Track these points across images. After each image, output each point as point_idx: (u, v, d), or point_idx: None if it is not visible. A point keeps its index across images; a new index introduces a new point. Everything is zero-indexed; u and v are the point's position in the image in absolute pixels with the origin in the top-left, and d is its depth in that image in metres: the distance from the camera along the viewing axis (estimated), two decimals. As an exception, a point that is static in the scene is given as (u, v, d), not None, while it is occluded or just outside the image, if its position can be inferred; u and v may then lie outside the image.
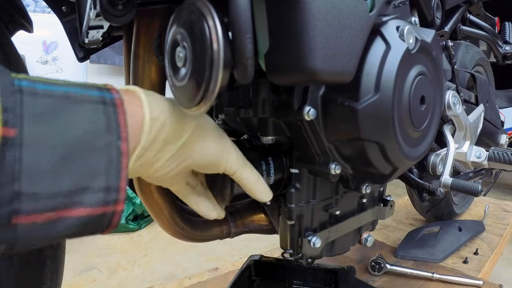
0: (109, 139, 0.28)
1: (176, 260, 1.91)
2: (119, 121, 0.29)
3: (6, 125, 0.24)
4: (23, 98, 0.25)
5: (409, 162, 0.45)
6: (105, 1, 0.36)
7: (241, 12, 0.32)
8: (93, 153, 0.27)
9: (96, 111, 0.28)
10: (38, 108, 0.26)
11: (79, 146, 0.27)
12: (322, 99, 0.42)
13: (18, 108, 0.25)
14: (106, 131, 0.28)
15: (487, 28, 0.96)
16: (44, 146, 0.25)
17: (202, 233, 0.55)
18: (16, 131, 0.24)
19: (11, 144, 0.24)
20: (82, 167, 0.27)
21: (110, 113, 0.29)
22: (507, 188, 3.14)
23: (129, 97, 0.32)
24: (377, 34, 0.39)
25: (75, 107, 0.27)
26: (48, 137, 0.26)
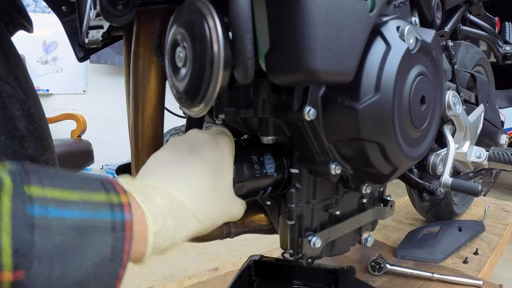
0: (112, 268, 0.29)
1: (176, 260, 1.91)
2: (124, 248, 0.30)
3: (16, 268, 0.24)
4: (35, 236, 0.25)
5: (409, 162, 0.45)
6: (105, 1, 0.36)
7: (241, 12, 0.32)
8: (96, 283, 0.28)
9: (105, 242, 0.28)
10: (49, 247, 0.25)
11: (85, 281, 0.27)
12: (322, 99, 0.42)
13: (28, 250, 0.24)
14: (110, 262, 0.29)
15: (487, 28, 0.96)
16: (52, 285, 0.25)
17: (202, 233, 0.55)
18: (25, 272, 0.24)
19: (19, 285, 0.24)
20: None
21: (118, 241, 0.29)
22: (507, 188, 3.14)
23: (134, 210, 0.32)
24: (378, 34, 0.39)
25: (86, 241, 0.27)
26: (57, 279, 0.26)
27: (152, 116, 0.49)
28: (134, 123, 0.49)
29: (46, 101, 3.09)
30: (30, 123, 0.49)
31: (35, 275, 0.24)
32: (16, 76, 0.49)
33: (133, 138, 0.50)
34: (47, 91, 3.12)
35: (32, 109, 0.50)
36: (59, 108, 3.15)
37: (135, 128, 0.49)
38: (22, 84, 0.49)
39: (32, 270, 0.24)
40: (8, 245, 0.23)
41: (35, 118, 0.50)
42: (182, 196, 0.36)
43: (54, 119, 2.70)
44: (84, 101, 3.31)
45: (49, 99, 3.15)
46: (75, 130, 2.63)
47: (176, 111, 0.66)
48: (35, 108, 0.51)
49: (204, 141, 0.42)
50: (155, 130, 0.50)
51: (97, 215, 0.28)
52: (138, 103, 0.48)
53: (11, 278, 0.23)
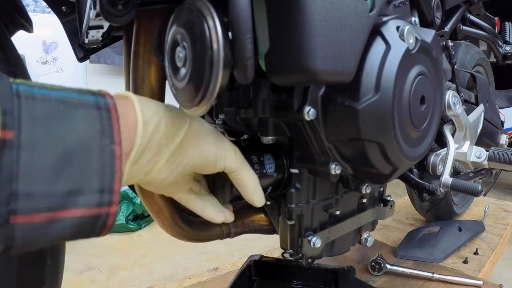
0: (103, 143, 0.29)
1: (176, 260, 1.91)
2: (112, 125, 0.30)
3: (5, 128, 0.25)
4: (21, 102, 0.26)
5: (409, 162, 0.45)
6: (105, 1, 0.36)
7: (241, 12, 0.32)
8: (88, 156, 0.28)
9: (90, 115, 0.29)
10: (36, 112, 0.26)
11: (74, 149, 0.27)
12: (322, 99, 0.42)
13: (16, 112, 0.25)
14: (100, 135, 0.29)
15: (487, 28, 0.96)
16: (41, 148, 0.26)
17: (202, 233, 0.55)
18: (14, 133, 0.25)
19: (9, 146, 0.25)
20: (77, 169, 0.28)
21: (104, 118, 0.29)
22: (507, 188, 3.14)
23: (122, 102, 0.33)
24: (377, 34, 0.39)
25: (71, 112, 0.28)
26: (45, 140, 0.26)
27: (152, 116, 0.49)
28: (134, 123, 0.49)
29: (46, 101, 3.09)
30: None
31: (24, 137, 0.25)
32: (16, 76, 0.49)
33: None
34: (47, 91, 3.12)
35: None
36: (59, 108, 3.14)
37: (135, 128, 0.49)
38: (22, 84, 0.49)
39: (21, 132, 0.25)
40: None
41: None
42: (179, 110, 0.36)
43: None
44: (84, 101, 3.30)
45: (49, 99, 3.14)
46: (75, 130, 2.62)
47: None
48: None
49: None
50: (155, 130, 0.50)
51: (80, 96, 0.29)
52: (138, 103, 0.48)
53: (0, 135, 0.24)
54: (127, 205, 2.35)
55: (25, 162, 0.25)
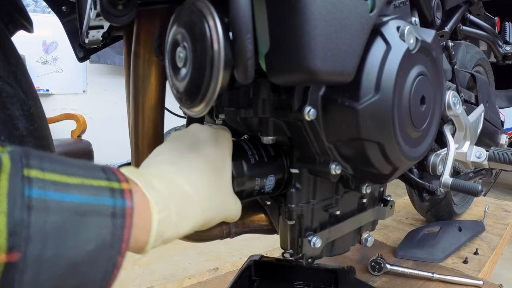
0: (110, 254, 0.28)
1: (176, 260, 1.91)
2: (122, 237, 0.29)
3: (11, 250, 0.23)
4: (31, 218, 0.24)
5: (409, 162, 0.45)
6: (106, 1, 0.36)
7: (241, 13, 0.32)
8: (93, 268, 0.28)
9: (103, 227, 0.28)
10: (46, 226, 0.25)
11: (81, 263, 0.27)
12: (323, 99, 0.42)
13: (24, 230, 0.24)
14: (109, 248, 0.28)
15: (487, 28, 0.96)
16: (47, 266, 0.25)
17: (202, 233, 0.55)
18: (20, 255, 0.24)
19: (14, 267, 0.24)
20: (79, 280, 0.27)
21: (117, 228, 0.29)
22: (507, 188, 3.14)
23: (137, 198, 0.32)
24: (378, 34, 0.39)
25: (84, 224, 0.27)
26: (52, 258, 0.25)
27: (152, 116, 0.49)
28: (134, 123, 0.49)
29: (46, 101, 3.09)
30: (30, 123, 0.49)
31: (30, 257, 0.24)
32: (16, 76, 0.49)
33: (133, 138, 0.50)
34: (47, 91, 3.13)
35: (32, 109, 0.50)
36: (59, 108, 3.15)
37: (135, 128, 0.50)
38: (22, 84, 0.49)
39: (27, 252, 0.24)
40: (4, 226, 0.23)
41: (35, 118, 0.50)
42: (187, 186, 0.36)
43: (54, 119, 2.70)
44: (84, 101, 3.31)
45: (49, 99, 3.15)
46: (75, 130, 2.63)
47: (176, 111, 0.66)
48: (35, 108, 0.51)
49: (205, 138, 0.42)
50: (155, 130, 0.50)
51: (97, 200, 0.28)
52: (138, 103, 0.48)
53: (4, 259, 0.23)
54: (127, 205, 2.34)
55: (28, 281, 0.24)
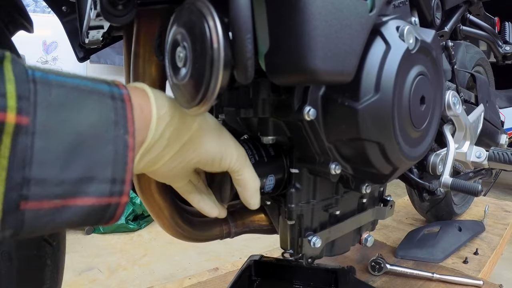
0: (117, 132, 0.29)
1: (176, 260, 1.91)
2: (126, 115, 0.30)
3: (20, 112, 0.24)
4: (37, 87, 0.26)
5: (409, 162, 0.45)
6: (106, 1, 0.36)
7: (241, 12, 0.32)
8: (101, 144, 0.28)
9: (105, 104, 0.29)
10: (51, 98, 0.26)
11: (88, 136, 0.27)
12: (322, 99, 0.42)
13: (32, 97, 0.25)
14: (114, 125, 0.29)
15: (487, 28, 0.96)
16: (55, 134, 0.26)
17: (202, 233, 0.55)
18: (29, 119, 0.25)
19: (24, 131, 0.25)
20: (89, 157, 0.28)
21: (118, 108, 0.29)
22: (507, 188, 3.14)
23: (137, 93, 0.33)
24: (377, 34, 0.39)
25: (85, 99, 0.28)
26: (59, 126, 0.26)
27: (152, 116, 0.49)
28: (134, 123, 0.49)
29: (46, 101, 3.09)
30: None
31: (38, 122, 0.25)
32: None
33: (133, 138, 0.50)
34: (47, 91, 3.12)
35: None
36: (59, 108, 3.15)
37: (135, 128, 0.49)
38: (22, 84, 0.49)
39: (36, 117, 0.25)
40: (13, 90, 0.24)
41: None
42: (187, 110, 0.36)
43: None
44: (84, 101, 3.30)
45: (49, 99, 3.14)
46: (75, 130, 2.63)
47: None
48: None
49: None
50: (155, 130, 0.50)
51: (95, 85, 0.29)
52: (138, 103, 0.48)
53: (14, 119, 0.24)
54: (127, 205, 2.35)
55: (39, 148, 0.25)
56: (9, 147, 0.24)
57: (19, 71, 0.25)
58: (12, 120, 0.24)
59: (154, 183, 0.49)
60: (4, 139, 0.24)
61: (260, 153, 0.48)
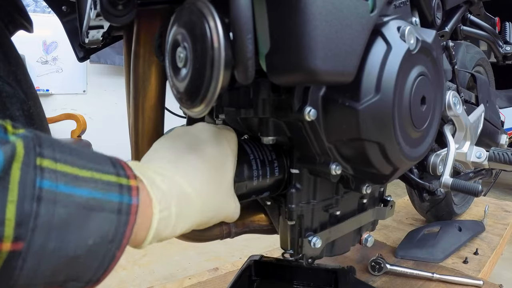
0: (109, 248, 0.29)
1: (176, 260, 1.91)
2: (125, 233, 0.30)
3: (16, 240, 0.24)
4: (40, 210, 0.24)
5: (410, 162, 0.45)
6: (106, 1, 0.36)
7: (242, 13, 0.32)
8: (90, 261, 0.28)
9: (108, 223, 0.28)
10: (53, 219, 0.25)
11: (81, 256, 0.27)
12: (323, 99, 0.42)
13: (32, 221, 0.24)
14: (109, 243, 0.29)
15: (488, 28, 0.96)
16: (48, 258, 0.25)
17: (202, 233, 0.55)
18: (24, 244, 0.24)
19: (16, 256, 0.24)
20: (77, 270, 0.28)
21: (121, 225, 0.29)
22: (507, 188, 3.14)
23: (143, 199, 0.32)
24: (378, 35, 0.39)
25: (91, 218, 0.27)
26: (55, 250, 0.26)
27: (152, 116, 0.49)
28: (134, 123, 0.49)
29: (46, 101, 3.09)
30: (30, 123, 0.49)
31: (34, 247, 0.24)
32: (16, 76, 0.49)
33: (133, 138, 0.50)
34: (47, 91, 3.12)
35: (32, 109, 0.50)
36: (59, 108, 3.15)
37: (135, 128, 0.49)
38: (22, 84, 0.49)
39: (32, 242, 0.24)
40: (13, 216, 0.23)
41: (35, 118, 0.50)
42: (187, 186, 0.36)
43: (54, 119, 2.70)
44: (84, 101, 3.31)
45: (49, 99, 3.15)
46: (75, 130, 2.63)
47: (176, 111, 0.66)
48: (35, 108, 0.51)
49: (206, 138, 0.42)
50: (155, 130, 0.50)
51: (105, 196, 0.28)
52: (138, 103, 0.48)
53: (9, 248, 0.23)
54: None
55: (29, 269, 0.25)
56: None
57: (24, 183, 0.24)
58: (7, 248, 0.23)
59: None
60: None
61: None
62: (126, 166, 0.32)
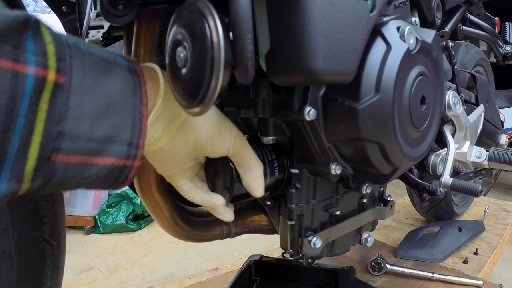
0: (135, 101, 0.32)
1: (176, 260, 1.91)
2: (141, 88, 0.33)
3: (59, 72, 0.27)
4: (72, 51, 0.28)
5: (410, 162, 0.45)
6: (106, 1, 0.36)
7: (241, 13, 0.32)
8: (124, 109, 0.31)
9: (125, 75, 0.32)
10: (84, 61, 0.29)
11: (115, 99, 0.30)
12: (323, 99, 0.42)
13: (68, 59, 0.28)
14: (133, 94, 0.32)
15: (487, 28, 0.96)
16: (88, 94, 0.29)
17: (202, 233, 0.55)
18: (66, 78, 0.28)
19: (61, 89, 0.27)
20: (115, 118, 0.31)
21: (135, 80, 0.33)
22: (507, 188, 3.14)
23: (148, 70, 0.36)
24: (378, 35, 0.39)
25: (110, 67, 0.31)
26: (92, 86, 0.29)
27: (152, 116, 0.49)
28: (134, 123, 0.49)
29: (46, 101, 3.09)
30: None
31: (74, 82, 0.28)
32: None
33: (133, 138, 0.50)
34: (47, 91, 3.12)
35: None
36: (59, 108, 3.15)
37: (135, 128, 0.49)
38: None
39: (72, 77, 0.28)
40: (53, 52, 0.27)
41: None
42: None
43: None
44: (84, 101, 3.30)
45: (49, 99, 3.14)
46: (75, 130, 2.63)
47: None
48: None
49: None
50: (155, 130, 0.50)
51: (115, 58, 0.32)
52: (138, 103, 0.48)
53: (54, 78, 0.27)
54: (127, 205, 2.35)
55: (74, 105, 0.28)
56: (48, 102, 0.27)
57: (55, 36, 0.28)
58: (52, 78, 0.27)
59: (154, 183, 0.49)
60: (44, 94, 0.26)
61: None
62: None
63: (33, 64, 0.26)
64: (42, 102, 0.27)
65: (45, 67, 0.26)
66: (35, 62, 0.26)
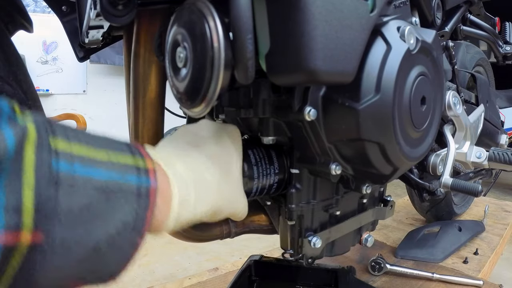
0: (131, 236, 0.28)
1: (176, 260, 1.91)
2: (146, 217, 0.28)
3: (36, 229, 0.21)
4: (59, 194, 0.22)
5: (410, 162, 0.45)
6: (106, 1, 0.36)
7: (242, 13, 0.32)
8: (112, 251, 0.27)
9: (128, 207, 0.27)
10: (72, 205, 0.23)
11: (102, 248, 0.26)
12: (323, 99, 0.42)
13: (51, 210, 0.22)
14: (131, 230, 0.28)
15: (488, 28, 0.96)
16: (69, 251, 0.24)
17: (202, 233, 0.55)
18: (44, 236, 0.22)
19: (38, 250, 0.22)
20: (97, 265, 0.27)
21: (141, 209, 0.28)
22: (507, 188, 3.14)
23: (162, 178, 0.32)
24: (378, 35, 0.39)
25: (110, 203, 0.26)
26: (76, 241, 0.24)
27: (152, 116, 0.49)
28: (134, 123, 0.49)
29: (46, 101, 3.09)
30: (30, 123, 0.49)
31: (55, 239, 0.22)
32: (16, 76, 0.49)
33: (133, 138, 0.50)
34: (47, 91, 3.12)
35: (32, 109, 0.50)
36: (59, 108, 3.15)
37: (135, 128, 0.49)
38: (22, 84, 0.49)
39: (52, 234, 0.22)
40: (31, 203, 0.21)
41: (35, 118, 0.50)
42: (204, 169, 0.36)
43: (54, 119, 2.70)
44: (84, 101, 3.31)
45: (49, 99, 3.15)
46: (75, 130, 2.62)
47: (176, 111, 0.66)
48: (35, 108, 0.51)
49: (211, 135, 0.42)
50: (155, 130, 0.50)
51: (123, 179, 0.27)
52: (138, 103, 0.48)
53: (29, 240, 0.21)
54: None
55: (50, 265, 0.23)
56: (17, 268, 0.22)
57: (40, 166, 0.22)
58: (27, 239, 0.21)
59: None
60: (12, 262, 0.21)
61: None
62: (142, 149, 0.31)
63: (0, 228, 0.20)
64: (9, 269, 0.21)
65: (17, 228, 0.21)
66: (4, 224, 0.20)
